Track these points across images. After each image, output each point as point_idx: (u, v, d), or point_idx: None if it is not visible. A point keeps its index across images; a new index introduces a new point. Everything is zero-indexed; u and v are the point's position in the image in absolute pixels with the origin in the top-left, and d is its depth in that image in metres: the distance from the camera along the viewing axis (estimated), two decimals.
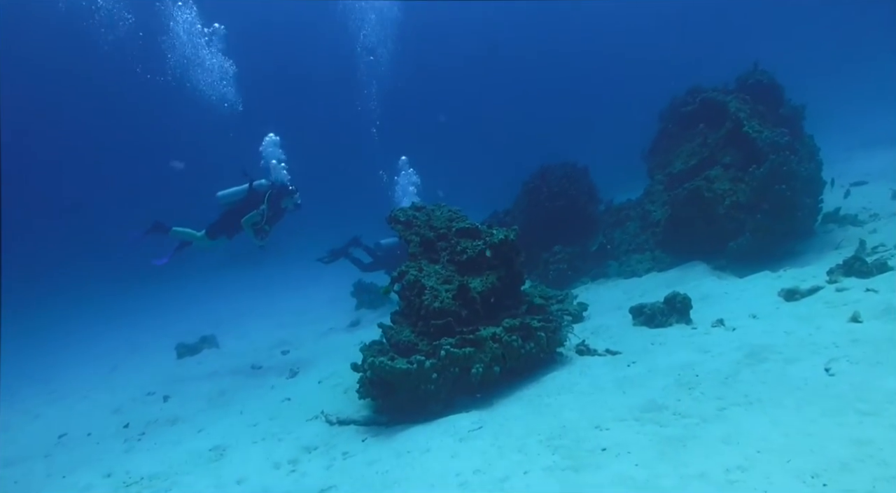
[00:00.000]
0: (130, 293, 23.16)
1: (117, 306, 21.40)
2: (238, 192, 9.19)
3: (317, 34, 21.90)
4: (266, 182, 9.26)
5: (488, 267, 6.33)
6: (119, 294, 23.35)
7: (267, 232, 9.28)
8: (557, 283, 10.08)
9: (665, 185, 10.28)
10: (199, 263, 22.73)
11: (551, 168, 11.55)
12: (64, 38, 25.34)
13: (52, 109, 31.14)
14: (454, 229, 6.63)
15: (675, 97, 11.41)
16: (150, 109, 30.55)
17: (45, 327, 19.56)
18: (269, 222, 9.19)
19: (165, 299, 21.38)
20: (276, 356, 10.23)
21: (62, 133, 32.24)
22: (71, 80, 30.69)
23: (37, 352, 15.72)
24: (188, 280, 22.93)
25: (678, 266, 8.66)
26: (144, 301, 21.53)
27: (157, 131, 32.96)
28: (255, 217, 9.05)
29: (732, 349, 4.65)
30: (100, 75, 29.20)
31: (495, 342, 5.15)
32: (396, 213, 7.28)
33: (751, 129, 8.81)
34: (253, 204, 9.09)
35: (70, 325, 19.61)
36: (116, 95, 31.51)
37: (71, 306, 22.74)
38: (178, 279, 22.89)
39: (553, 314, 6.74)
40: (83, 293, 24.32)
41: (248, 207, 9.09)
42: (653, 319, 5.87)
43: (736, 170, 8.91)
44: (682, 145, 10.31)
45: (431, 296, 5.75)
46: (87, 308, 21.87)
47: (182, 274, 23.21)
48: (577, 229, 10.93)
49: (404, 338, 5.68)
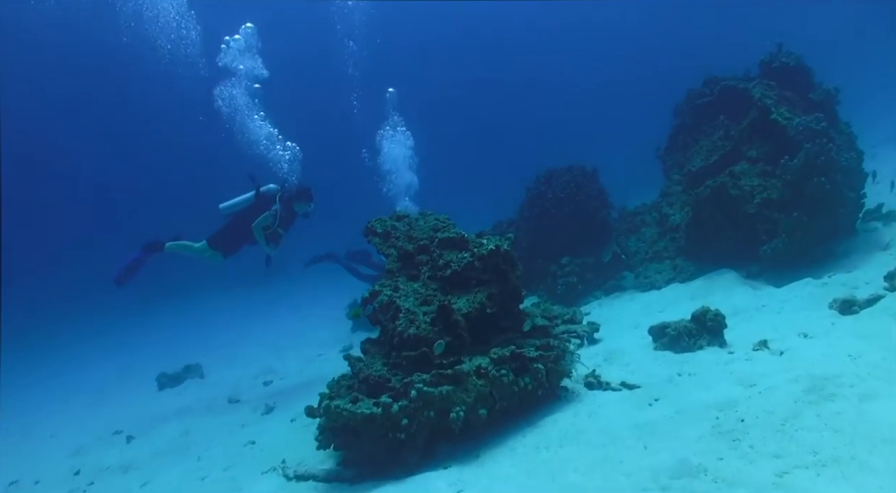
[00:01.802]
0: (130, 310, 22.40)
1: (115, 326, 20.64)
2: (244, 200, 8.34)
3: (313, 35, 21.21)
4: (276, 187, 8.43)
5: (478, 283, 5.31)
6: (118, 313, 22.55)
7: (280, 236, 8.48)
8: (567, 298, 9.03)
9: (684, 185, 9.22)
10: (204, 281, 22.08)
11: (557, 172, 10.53)
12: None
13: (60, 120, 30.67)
14: (437, 240, 5.63)
15: (691, 89, 10.40)
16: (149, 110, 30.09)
17: (37, 350, 18.88)
18: (282, 225, 8.37)
19: (165, 319, 20.56)
20: (257, 388, 9.28)
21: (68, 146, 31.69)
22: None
23: (26, 377, 15.04)
24: (192, 299, 22.20)
25: (703, 275, 7.56)
26: (144, 320, 20.75)
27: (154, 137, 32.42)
28: (267, 219, 8.20)
29: (786, 382, 3.57)
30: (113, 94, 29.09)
31: (480, 378, 4.11)
32: (373, 224, 6.30)
33: (780, 116, 7.76)
34: (261, 210, 8.24)
35: (64, 348, 18.85)
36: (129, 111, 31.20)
37: (67, 325, 22.03)
38: (181, 299, 22.21)
39: (556, 338, 5.69)
40: (81, 313, 23.58)
41: (256, 213, 8.23)
42: (678, 341, 4.80)
43: (765, 163, 7.85)
44: (702, 140, 9.27)
45: (406, 320, 4.74)
46: (83, 329, 21.12)
47: (187, 293, 22.49)
48: (587, 238, 9.88)
49: (375, 372, 4.67)
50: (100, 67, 27.41)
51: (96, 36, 23.07)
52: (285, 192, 8.40)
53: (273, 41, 11.67)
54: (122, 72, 26.92)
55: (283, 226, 8.39)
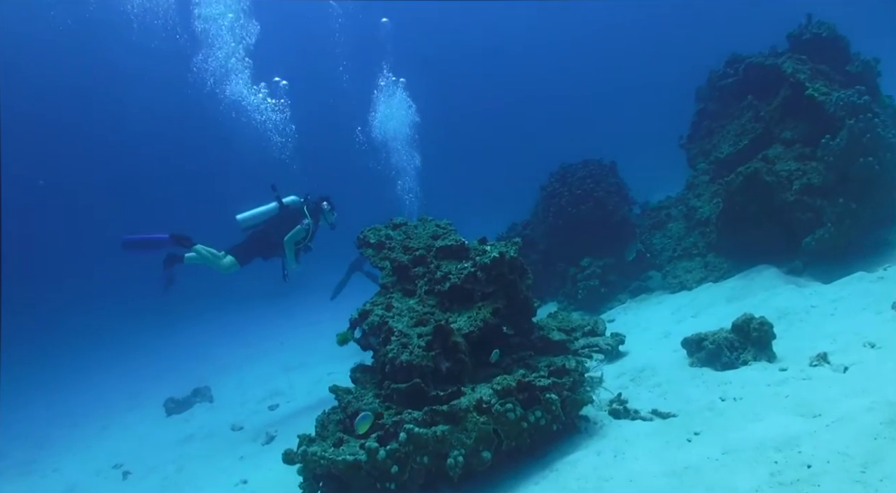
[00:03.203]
0: (144, 325, 22.17)
1: (128, 343, 20.40)
2: (268, 211, 7.74)
3: (309, 36, 20.82)
4: (297, 198, 7.89)
5: (482, 296, 4.67)
6: (133, 329, 22.33)
7: (310, 249, 7.99)
8: (588, 303, 8.34)
9: (712, 174, 8.46)
10: (222, 293, 21.79)
11: (572, 168, 9.85)
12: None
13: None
14: (434, 249, 5.00)
15: (713, 71, 9.63)
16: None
17: (48, 368, 18.76)
18: (312, 239, 7.91)
19: (180, 335, 20.25)
20: (262, 413, 8.77)
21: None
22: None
23: (35, 400, 14.83)
24: (208, 313, 21.88)
25: (739, 273, 6.80)
26: (158, 336, 20.49)
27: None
28: (300, 234, 7.65)
29: (859, 410, 2.86)
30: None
31: (482, 414, 3.46)
32: (367, 233, 5.71)
33: (816, 91, 6.98)
34: (288, 222, 7.65)
35: (75, 365, 18.65)
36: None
37: (82, 343, 21.87)
38: (197, 312, 21.91)
39: (576, 355, 5.01)
40: (95, 330, 23.41)
41: (283, 226, 7.64)
42: (718, 355, 4.08)
43: (802, 145, 7.07)
44: (729, 124, 8.50)
45: (399, 345, 4.12)
46: (96, 347, 20.92)
47: (203, 305, 22.14)
48: (608, 237, 9.17)
49: (365, 405, 4.05)
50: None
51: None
52: (309, 202, 7.92)
53: (273, 41, 11.25)
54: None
55: (312, 240, 7.90)
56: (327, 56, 14.29)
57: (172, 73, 10.87)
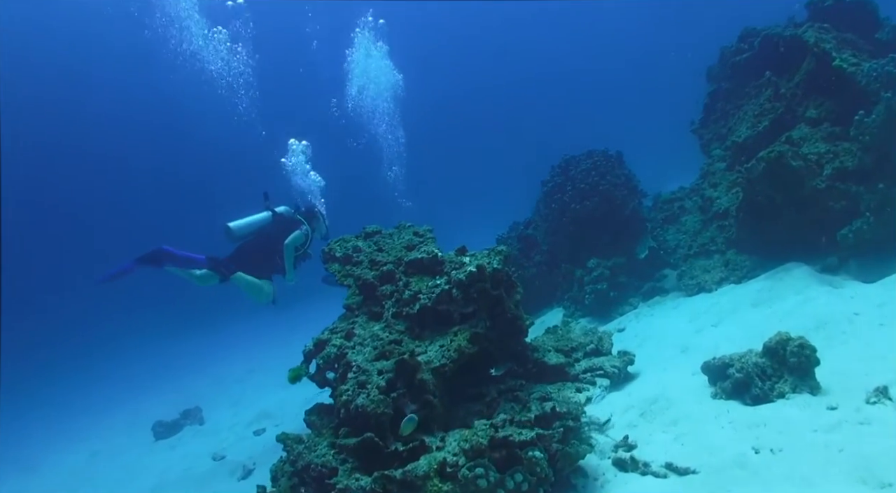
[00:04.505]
0: (149, 336, 21.75)
1: (132, 354, 19.99)
2: (262, 219, 7.07)
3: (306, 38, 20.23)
4: (287, 208, 7.30)
5: (461, 318, 3.95)
6: (137, 341, 21.90)
7: (310, 256, 7.36)
8: (597, 309, 7.58)
9: (729, 160, 7.65)
10: (229, 305, 21.32)
11: (575, 160, 9.04)
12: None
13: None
14: (404, 262, 4.28)
15: (725, 47, 8.80)
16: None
17: (53, 383, 18.45)
18: (310, 245, 7.28)
19: (184, 346, 19.78)
20: (248, 439, 8.20)
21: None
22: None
23: (35, 416, 14.52)
24: (215, 324, 21.39)
25: (764, 273, 5.98)
26: (162, 347, 20.04)
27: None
28: (300, 239, 6.98)
29: None
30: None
31: (446, 480, 2.73)
32: (333, 246, 5.00)
33: (844, 61, 6.14)
34: (283, 231, 7.01)
35: (80, 382, 18.26)
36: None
37: (85, 355, 21.57)
38: (203, 323, 21.47)
39: (577, 381, 4.27)
40: (100, 342, 23.06)
41: (279, 236, 6.97)
42: (747, 387, 3.31)
43: (831, 124, 6.25)
44: (746, 105, 7.68)
45: (355, 384, 3.41)
46: (102, 359, 20.56)
47: (210, 317, 21.62)
48: (616, 234, 8.38)
49: (317, 458, 3.34)
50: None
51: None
52: (299, 212, 7.34)
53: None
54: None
55: (311, 246, 7.28)
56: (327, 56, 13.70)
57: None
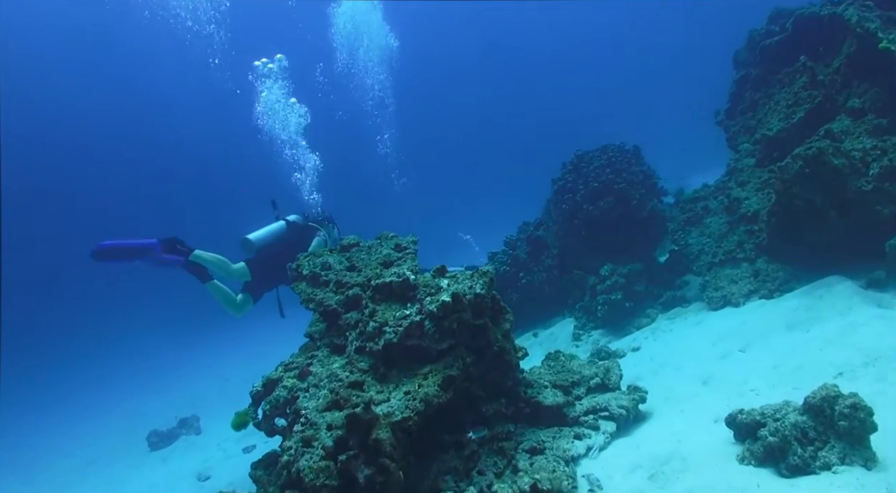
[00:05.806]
0: (160, 335, 21.56)
1: (140, 353, 19.85)
2: (278, 229, 6.76)
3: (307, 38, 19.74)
4: (298, 216, 7.01)
5: (438, 354, 3.34)
6: (147, 339, 21.74)
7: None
8: (610, 321, 6.93)
9: (758, 156, 6.89)
10: None
11: (588, 156, 8.35)
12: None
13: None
14: (371, 286, 3.67)
15: (754, 30, 8.00)
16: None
17: (57, 385, 18.35)
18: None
19: (197, 345, 19.54)
20: (236, 456, 7.88)
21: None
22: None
23: (35, 423, 14.36)
24: (227, 325, 21.11)
25: (800, 286, 5.25)
26: (173, 346, 19.86)
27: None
28: (322, 245, 6.65)
29: None
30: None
31: None
32: (301, 262, 4.40)
33: (893, 43, 5.36)
34: (301, 240, 6.71)
35: (87, 381, 18.16)
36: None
37: (93, 354, 21.46)
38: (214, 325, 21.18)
39: (578, 424, 3.63)
40: (110, 341, 22.96)
41: (297, 244, 6.58)
42: (783, 453, 2.64)
43: (876, 116, 5.47)
44: (777, 93, 6.89)
45: (299, 442, 2.82)
46: (111, 356, 20.44)
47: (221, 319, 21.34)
48: (633, 237, 7.70)
49: None
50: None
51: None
52: (315, 217, 7.15)
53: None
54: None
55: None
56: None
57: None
